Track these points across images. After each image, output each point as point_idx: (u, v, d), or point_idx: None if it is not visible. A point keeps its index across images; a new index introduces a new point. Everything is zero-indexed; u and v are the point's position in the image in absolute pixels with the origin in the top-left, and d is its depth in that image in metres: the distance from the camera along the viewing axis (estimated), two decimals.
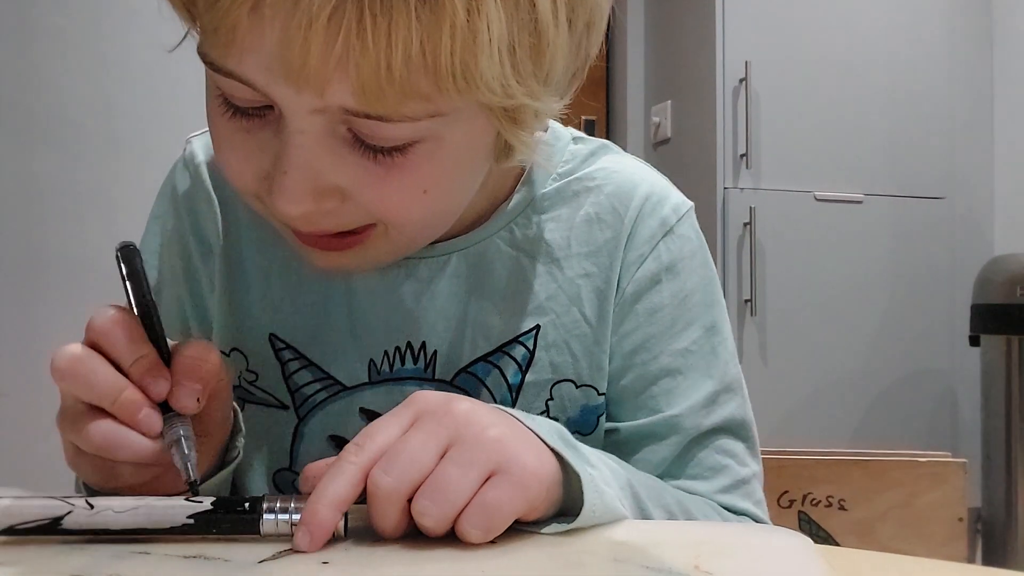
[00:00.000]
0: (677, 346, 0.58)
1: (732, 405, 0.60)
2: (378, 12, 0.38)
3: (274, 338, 0.58)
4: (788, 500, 1.05)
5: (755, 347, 2.46)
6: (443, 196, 0.48)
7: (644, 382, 0.58)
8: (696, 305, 0.60)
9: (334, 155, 0.44)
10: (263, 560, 0.39)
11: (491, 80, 0.41)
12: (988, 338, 2.29)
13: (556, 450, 0.44)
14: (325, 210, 0.46)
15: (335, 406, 0.58)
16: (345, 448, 0.41)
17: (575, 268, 0.58)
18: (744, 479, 0.59)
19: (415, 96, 0.41)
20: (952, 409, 2.58)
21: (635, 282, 0.58)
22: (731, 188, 2.46)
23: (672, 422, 0.57)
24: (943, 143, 2.63)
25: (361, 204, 0.46)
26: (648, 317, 0.58)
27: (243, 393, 0.59)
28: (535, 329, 0.57)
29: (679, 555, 0.41)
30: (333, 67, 0.39)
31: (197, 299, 0.62)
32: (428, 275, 0.57)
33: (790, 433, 2.40)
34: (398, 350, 0.57)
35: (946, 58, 2.65)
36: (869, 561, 0.45)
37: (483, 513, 0.40)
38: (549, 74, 0.45)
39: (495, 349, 0.57)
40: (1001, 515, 2.21)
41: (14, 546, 0.41)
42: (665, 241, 0.59)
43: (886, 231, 2.56)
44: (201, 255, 0.62)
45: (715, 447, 0.58)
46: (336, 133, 0.44)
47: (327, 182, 0.45)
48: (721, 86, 2.45)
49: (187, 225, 0.62)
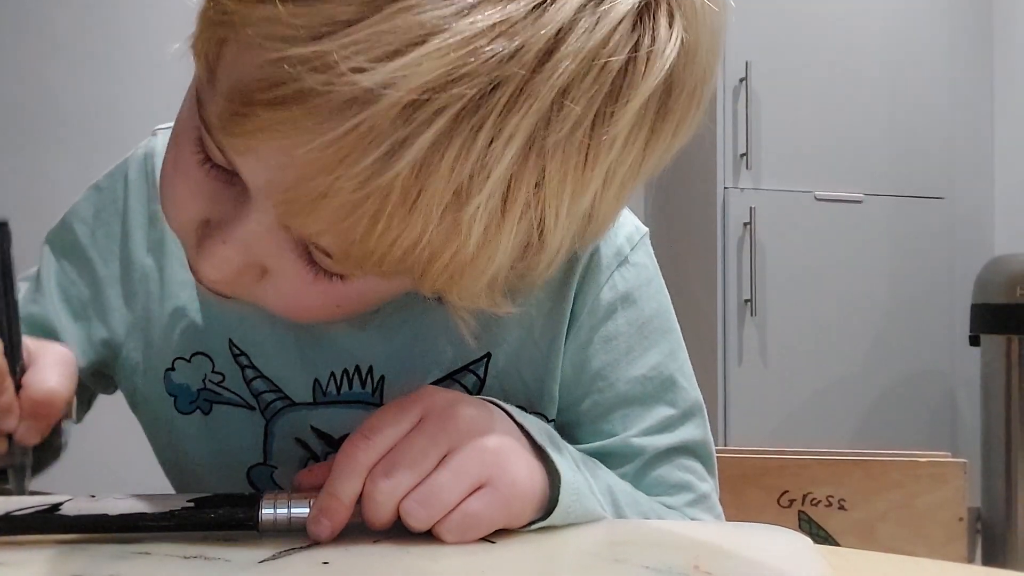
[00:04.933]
0: (635, 373, 0.58)
1: (691, 427, 0.60)
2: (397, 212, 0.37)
3: (232, 344, 0.58)
4: (788, 500, 1.05)
5: (755, 347, 2.46)
6: (350, 311, 0.47)
7: (602, 409, 0.58)
8: (653, 332, 0.59)
9: (278, 245, 0.42)
10: (264, 560, 0.39)
11: (463, 296, 0.43)
12: (988, 338, 2.29)
13: (543, 448, 0.47)
14: (239, 282, 0.44)
15: (292, 416, 0.58)
16: (351, 440, 0.43)
17: (527, 298, 0.57)
18: (705, 494, 0.59)
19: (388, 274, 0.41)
20: (952, 409, 2.59)
21: (591, 312, 0.58)
22: (731, 188, 2.46)
23: (631, 443, 0.57)
24: (943, 143, 2.63)
25: (272, 290, 0.44)
26: (604, 345, 0.58)
27: (210, 395, 0.59)
28: (486, 357, 0.57)
29: (679, 555, 0.41)
30: (326, 224, 0.38)
31: (100, 289, 0.61)
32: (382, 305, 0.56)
33: (790, 433, 2.41)
34: (345, 372, 0.57)
35: (946, 58, 2.65)
36: (869, 561, 0.45)
37: (463, 522, 0.42)
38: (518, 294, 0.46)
39: (445, 376, 0.57)
40: (1001, 515, 2.21)
41: (14, 547, 0.41)
42: (620, 271, 0.59)
43: (886, 231, 2.56)
44: (124, 254, 0.61)
45: (675, 464, 0.58)
46: (295, 240, 0.42)
47: (257, 260, 0.43)
48: (721, 86, 2.45)
49: (136, 218, 0.61)
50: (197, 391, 0.59)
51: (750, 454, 1.08)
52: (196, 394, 0.59)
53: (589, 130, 0.38)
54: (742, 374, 2.45)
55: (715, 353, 2.45)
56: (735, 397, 2.44)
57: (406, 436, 0.43)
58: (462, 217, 0.37)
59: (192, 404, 0.59)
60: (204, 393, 0.59)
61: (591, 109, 0.37)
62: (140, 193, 0.61)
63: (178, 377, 0.59)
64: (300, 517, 0.42)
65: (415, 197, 0.36)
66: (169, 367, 0.59)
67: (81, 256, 0.62)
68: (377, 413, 0.44)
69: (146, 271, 0.60)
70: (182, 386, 0.59)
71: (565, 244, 0.43)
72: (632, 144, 0.41)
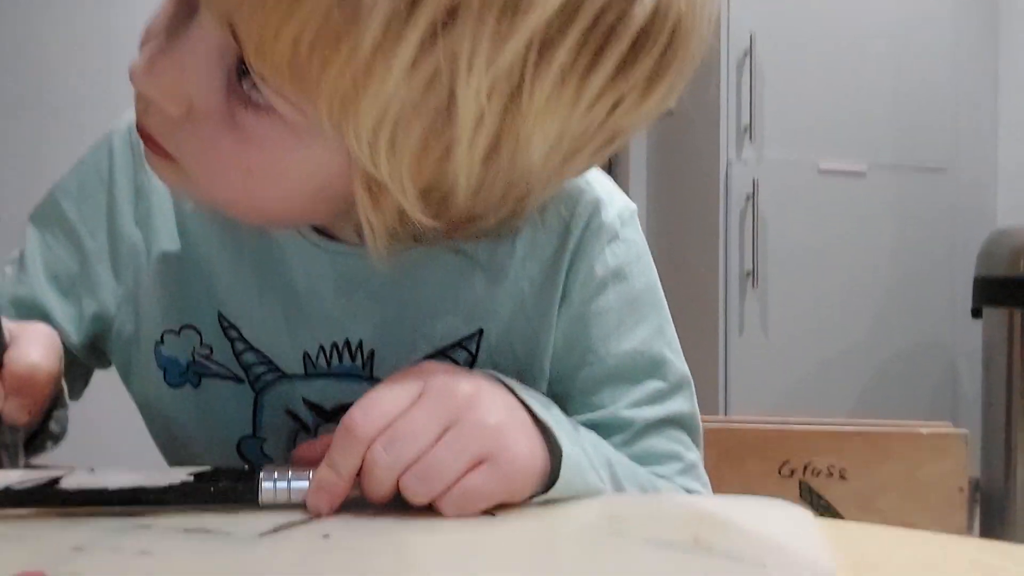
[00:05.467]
0: (625, 348, 0.58)
1: (680, 400, 0.60)
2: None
3: (221, 317, 0.58)
4: (789, 470, 1.06)
5: (756, 319, 2.46)
6: (260, 191, 0.45)
7: (593, 382, 0.58)
8: (643, 307, 0.60)
9: (209, 72, 0.42)
10: (264, 533, 0.39)
11: (363, 131, 0.39)
12: (990, 310, 2.28)
13: (544, 423, 0.47)
14: (158, 109, 0.43)
15: (282, 388, 0.58)
16: (350, 413, 0.43)
17: (519, 273, 0.58)
18: (692, 463, 0.60)
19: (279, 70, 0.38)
20: (953, 381, 2.59)
21: (582, 287, 0.58)
22: (734, 160, 2.45)
23: (621, 415, 0.58)
24: (947, 115, 2.62)
25: (193, 132, 0.43)
26: (596, 319, 0.58)
27: (199, 368, 0.59)
28: (478, 333, 0.57)
29: (679, 528, 0.42)
30: (235, 5, 0.38)
31: (88, 263, 0.61)
32: (368, 272, 0.55)
33: (791, 405, 2.41)
34: (335, 346, 0.57)
35: (950, 29, 2.62)
36: (868, 534, 0.45)
37: (462, 497, 0.42)
38: (434, 188, 0.43)
39: (436, 352, 0.57)
40: (1000, 486, 2.22)
41: (15, 520, 0.41)
42: (611, 246, 0.59)
43: (889, 203, 2.55)
44: (115, 226, 0.61)
45: (664, 435, 0.59)
46: (224, 59, 0.41)
47: (186, 87, 0.42)
48: (725, 58, 2.43)
49: (123, 191, 0.61)
50: (187, 364, 0.59)
51: (751, 424, 1.08)
52: (185, 367, 0.59)
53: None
54: (743, 346, 2.45)
55: (717, 325, 2.45)
56: (736, 369, 2.45)
57: (406, 411, 0.43)
58: (363, 1, 0.35)
59: (182, 377, 0.59)
60: (193, 366, 0.59)
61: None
62: (126, 164, 0.61)
63: (167, 350, 0.59)
64: (300, 491, 0.42)
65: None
66: (159, 340, 0.59)
67: (68, 230, 0.61)
68: (377, 387, 0.44)
69: (134, 243, 0.60)
70: (171, 359, 0.59)
71: (482, 166, 0.42)
72: (570, 81, 0.39)
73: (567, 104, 0.41)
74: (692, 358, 0.65)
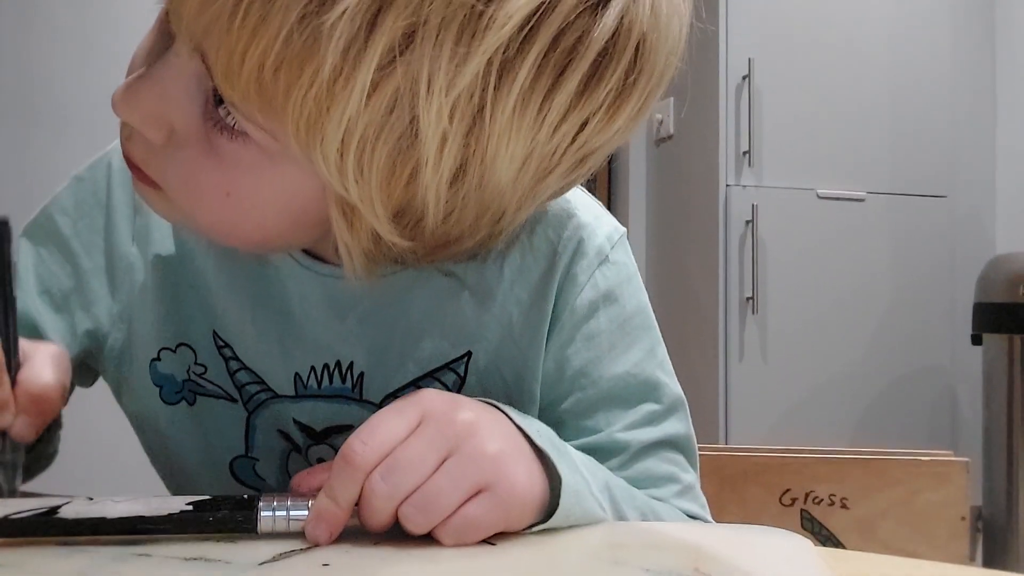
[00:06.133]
0: (617, 370, 0.58)
1: (674, 421, 0.60)
2: (256, 6, 0.37)
3: (216, 335, 0.59)
4: (790, 498, 1.05)
5: (756, 345, 2.46)
6: (240, 215, 0.45)
7: (585, 406, 0.58)
8: (634, 330, 0.60)
9: (187, 97, 0.43)
10: (264, 562, 0.39)
11: (329, 153, 0.40)
12: (990, 337, 2.29)
13: (543, 451, 0.46)
14: (141, 137, 0.44)
15: (275, 408, 0.59)
16: (349, 443, 0.42)
17: (507, 296, 0.58)
18: (690, 485, 0.60)
19: (245, 96, 0.39)
20: (953, 407, 2.58)
21: (573, 311, 0.58)
22: (733, 186, 2.46)
23: (616, 439, 0.58)
24: (945, 141, 2.63)
25: (175, 158, 0.44)
26: (587, 343, 0.58)
27: (193, 387, 0.59)
28: (466, 355, 0.57)
29: (679, 558, 0.41)
30: (202, 33, 0.39)
31: (83, 280, 0.61)
32: (358, 297, 0.56)
33: (791, 431, 2.40)
34: (326, 367, 0.57)
35: (948, 56, 2.64)
36: (869, 563, 0.45)
37: (461, 526, 0.42)
38: (405, 210, 0.44)
39: (425, 374, 0.57)
40: (1002, 514, 2.21)
41: (14, 549, 0.41)
42: (601, 270, 0.59)
43: (888, 229, 2.56)
44: (110, 238, 0.61)
45: (660, 457, 0.59)
46: (201, 84, 0.42)
47: (166, 113, 0.43)
48: (724, 83, 2.45)
49: (121, 208, 0.61)
50: (182, 382, 0.59)
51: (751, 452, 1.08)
52: (181, 384, 0.59)
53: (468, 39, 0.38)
54: (743, 371, 2.45)
55: (716, 350, 2.45)
56: (736, 395, 2.44)
57: (404, 440, 0.43)
58: (323, 25, 0.36)
59: (178, 395, 0.59)
60: (188, 384, 0.59)
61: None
62: (124, 181, 0.61)
63: (164, 367, 0.59)
64: (299, 520, 0.42)
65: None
66: (155, 357, 0.59)
67: (63, 247, 0.61)
68: (375, 416, 0.44)
69: (131, 261, 0.60)
70: (167, 376, 0.59)
71: (451, 188, 0.42)
72: (532, 102, 0.40)
73: (530, 125, 0.41)
74: (692, 385, 0.65)
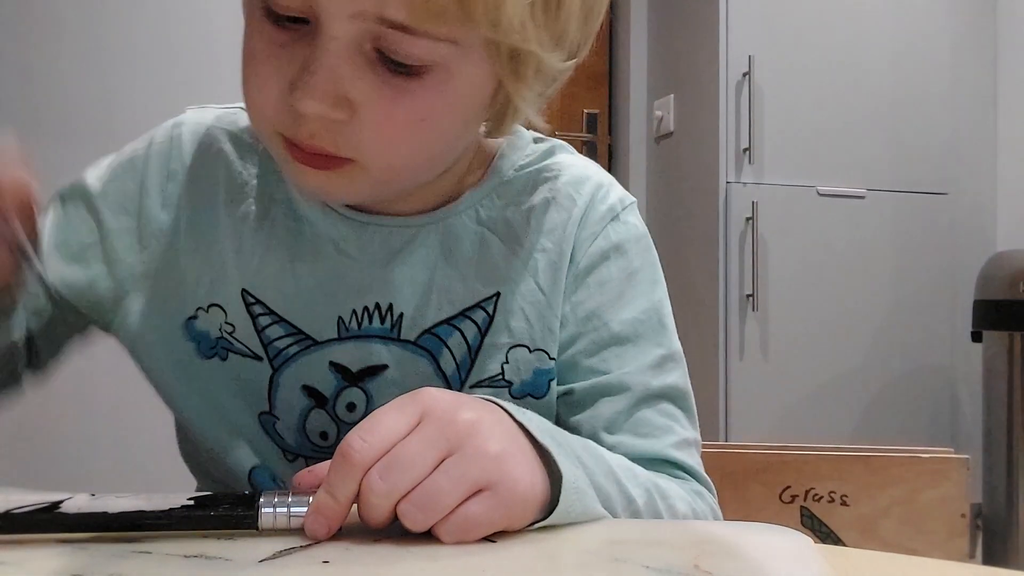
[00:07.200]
0: (626, 316, 0.63)
1: (676, 374, 0.64)
2: None
3: (246, 294, 0.62)
4: (790, 496, 1.05)
5: (756, 342, 2.46)
6: (434, 133, 0.53)
7: (596, 347, 0.63)
8: (642, 282, 0.65)
9: (356, 68, 0.49)
10: (264, 559, 0.39)
11: (512, 15, 0.47)
12: (990, 334, 2.29)
13: (545, 446, 0.47)
14: (332, 120, 0.50)
15: (306, 359, 0.62)
16: (348, 439, 0.43)
17: (533, 243, 0.64)
18: (688, 440, 0.63)
19: (442, 14, 0.46)
20: (953, 405, 2.59)
21: (587, 257, 0.64)
22: (734, 183, 2.46)
23: (623, 379, 0.62)
24: (946, 138, 2.63)
25: (365, 123, 0.50)
26: (598, 288, 0.64)
27: (226, 344, 0.63)
28: (495, 296, 0.62)
29: (679, 555, 0.41)
30: None
31: (106, 237, 0.65)
32: (399, 243, 0.62)
33: (791, 428, 2.41)
34: (366, 309, 0.62)
35: (949, 53, 2.64)
36: (870, 561, 0.45)
37: (461, 525, 0.42)
38: (562, 34, 0.51)
39: (458, 313, 0.62)
40: (1002, 511, 2.21)
41: (15, 545, 0.41)
42: (612, 225, 0.66)
43: (889, 226, 2.56)
44: (147, 212, 0.64)
45: (659, 410, 0.62)
46: (362, 49, 0.49)
47: (344, 91, 0.49)
48: (724, 80, 2.45)
49: (154, 177, 0.65)
50: (216, 339, 0.63)
51: (752, 449, 1.07)
52: (215, 341, 0.63)
53: None
54: (743, 369, 2.45)
55: (716, 348, 2.45)
56: (736, 392, 2.45)
57: (404, 438, 0.43)
58: None
59: (212, 350, 0.63)
60: (221, 341, 0.63)
61: None
62: (162, 153, 0.65)
63: (200, 325, 0.63)
64: (300, 516, 0.42)
65: None
66: (192, 316, 0.63)
67: (89, 205, 0.65)
68: (376, 413, 0.44)
69: (160, 225, 0.64)
70: (203, 333, 0.63)
71: None
72: None
73: None
74: (692, 382, 0.66)
